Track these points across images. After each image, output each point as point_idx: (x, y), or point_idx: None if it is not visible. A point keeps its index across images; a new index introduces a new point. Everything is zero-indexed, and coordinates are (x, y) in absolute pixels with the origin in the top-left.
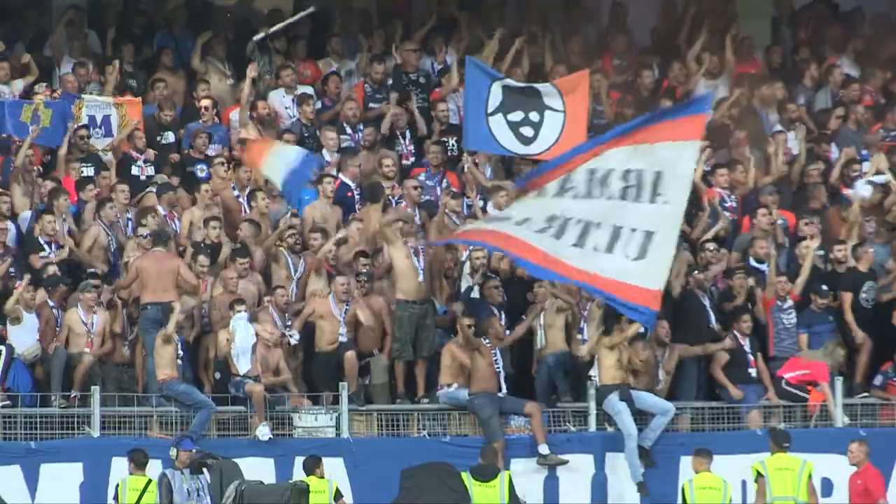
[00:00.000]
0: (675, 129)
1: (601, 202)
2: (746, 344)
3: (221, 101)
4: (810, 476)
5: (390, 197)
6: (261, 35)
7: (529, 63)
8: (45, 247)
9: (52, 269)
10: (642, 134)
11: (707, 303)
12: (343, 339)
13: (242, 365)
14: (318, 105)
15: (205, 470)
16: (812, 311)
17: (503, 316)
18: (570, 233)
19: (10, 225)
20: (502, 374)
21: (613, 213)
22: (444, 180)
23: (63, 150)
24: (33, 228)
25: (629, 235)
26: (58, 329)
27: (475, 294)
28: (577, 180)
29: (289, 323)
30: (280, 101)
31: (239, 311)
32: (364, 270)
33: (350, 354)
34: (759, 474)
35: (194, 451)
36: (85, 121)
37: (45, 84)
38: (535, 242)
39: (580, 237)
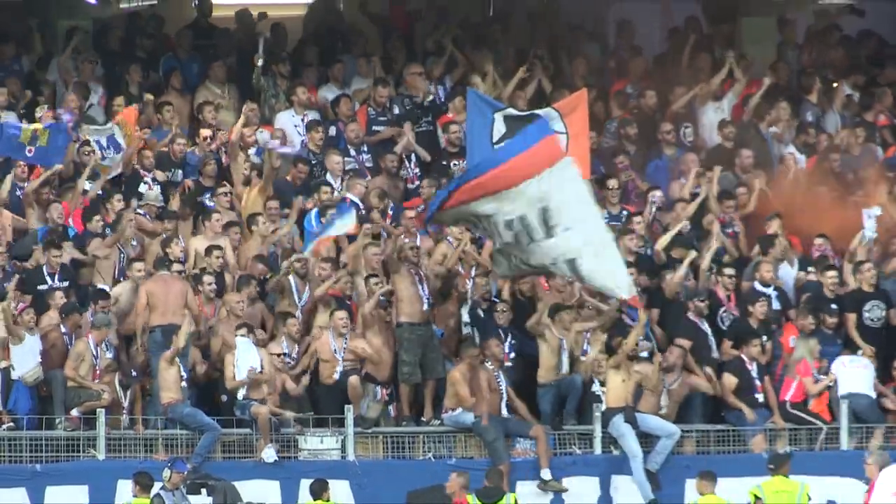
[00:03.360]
0: (533, 161)
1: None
2: (754, 369)
3: (224, 123)
4: (809, 497)
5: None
6: (260, 62)
7: (535, 88)
8: (48, 278)
9: (58, 296)
10: (500, 179)
11: (708, 330)
12: (338, 376)
13: (243, 390)
14: (333, 131)
15: (203, 491)
16: (822, 332)
17: (508, 337)
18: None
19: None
20: (505, 397)
21: (523, 258)
22: None
23: (83, 184)
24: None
25: (555, 268)
26: (69, 349)
27: (474, 317)
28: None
29: (295, 355)
30: (290, 121)
31: (240, 335)
32: (383, 298)
33: (354, 380)
34: (756, 498)
35: (184, 472)
36: (95, 147)
37: (46, 106)
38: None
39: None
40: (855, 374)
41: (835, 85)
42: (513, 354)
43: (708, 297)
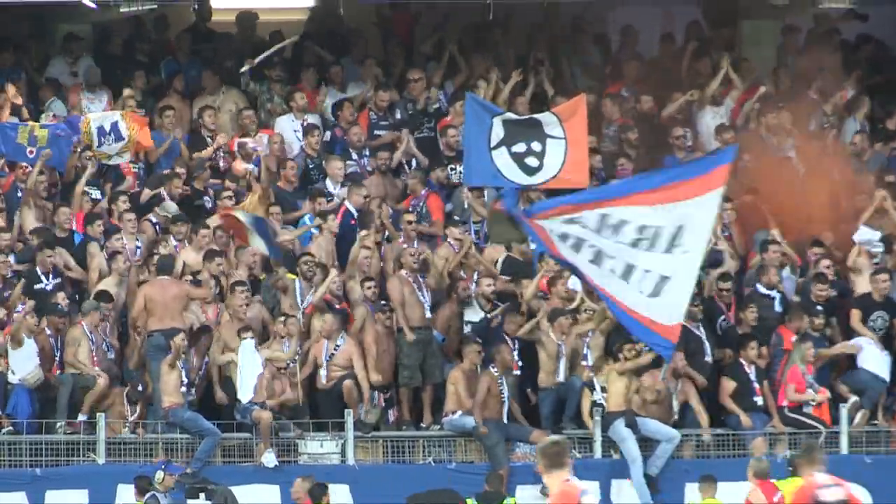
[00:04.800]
0: (701, 185)
1: (610, 243)
2: (752, 372)
3: (224, 128)
4: None
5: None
6: (246, 67)
7: (533, 92)
8: (43, 278)
9: (60, 297)
10: (666, 192)
11: (703, 334)
12: (324, 381)
13: (245, 395)
14: (328, 136)
15: (202, 496)
16: (808, 334)
17: (516, 344)
18: (585, 252)
19: (11, 258)
20: (507, 404)
21: (625, 254)
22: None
23: (82, 186)
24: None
25: (643, 274)
26: (56, 351)
27: (485, 322)
28: (587, 219)
29: (298, 355)
30: (289, 126)
31: (245, 338)
32: (382, 302)
33: (348, 383)
34: None
35: (177, 475)
36: (95, 133)
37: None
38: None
39: (596, 257)
40: (878, 354)
41: (865, 99)
42: (521, 363)
43: (705, 303)
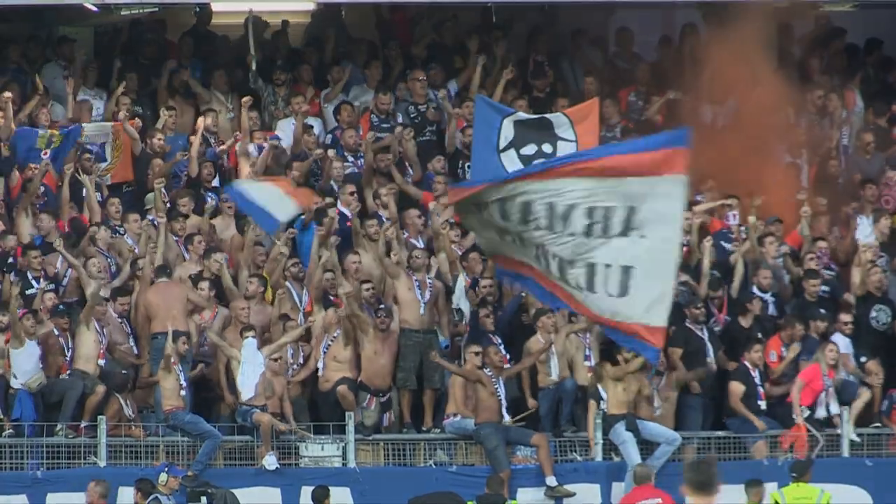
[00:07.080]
0: (649, 163)
1: (563, 238)
2: (757, 375)
3: (224, 132)
4: None
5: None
6: (252, 63)
7: (532, 95)
8: (33, 282)
9: (47, 298)
10: (608, 163)
11: (706, 336)
12: (320, 371)
13: (246, 392)
14: (329, 139)
15: (203, 499)
16: (812, 337)
17: (501, 342)
18: (553, 267)
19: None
20: (504, 403)
21: (581, 250)
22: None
23: (65, 194)
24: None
25: (605, 272)
26: (68, 352)
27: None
28: (538, 212)
29: (300, 361)
30: (290, 129)
31: (247, 337)
32: (382, 306)
33: (342, 389)
34: (776, 503)
35: (181, 477)
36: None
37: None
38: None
39: (561, 272)
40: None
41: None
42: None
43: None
